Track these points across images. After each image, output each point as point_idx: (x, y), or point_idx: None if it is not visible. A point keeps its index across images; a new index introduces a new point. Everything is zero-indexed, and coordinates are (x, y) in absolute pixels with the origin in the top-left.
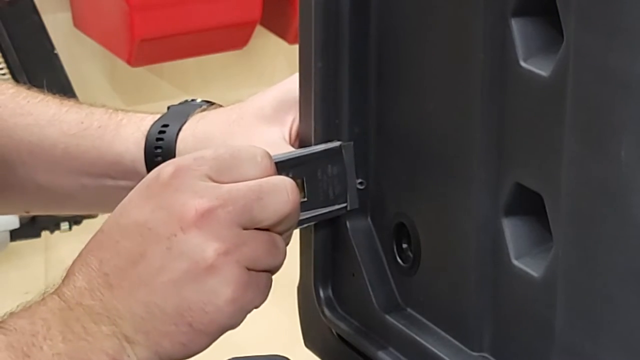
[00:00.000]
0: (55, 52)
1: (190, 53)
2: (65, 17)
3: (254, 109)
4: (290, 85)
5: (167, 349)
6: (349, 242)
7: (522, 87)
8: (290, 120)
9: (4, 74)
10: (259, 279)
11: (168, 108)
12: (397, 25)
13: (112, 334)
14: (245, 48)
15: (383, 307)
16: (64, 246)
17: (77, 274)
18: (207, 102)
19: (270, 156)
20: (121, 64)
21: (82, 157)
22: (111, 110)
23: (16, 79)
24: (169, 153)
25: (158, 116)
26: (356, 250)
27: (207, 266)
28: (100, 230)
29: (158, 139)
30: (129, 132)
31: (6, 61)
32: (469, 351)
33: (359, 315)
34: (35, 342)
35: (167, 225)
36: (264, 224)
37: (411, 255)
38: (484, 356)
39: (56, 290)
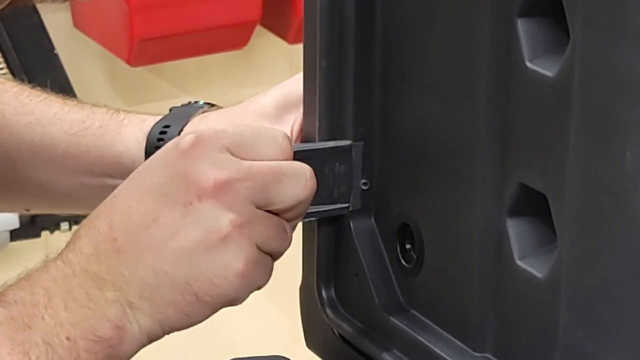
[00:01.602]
0: (55, 52)
1: (190, 53)
2: (65, 17)
3: (256, 108)
4: (291, 85)
5: (170, 318)
6: (352, 243)
7: (527, 87)
8: (292, 120)
9: (4, 74)
10: (266, 260)
11: (170, 110)
12: (402, 25)
13: (116, 300)
14: (245, 48)
15: (386, 307)
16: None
17: (83, 237)
18: (209, 104)
19: (290, 139)
20: (121, 64)
21: (83, 157)
22: (113, 111)
23: (16, 79)
24: None
25: (160, 117)
26: (359, 250)
27: (221, 237)
28: (113, 195)
29: (159, 139)
30: (130, 132)
31: (6, 61)
32: (471, 352)
33: (361, 315)
34: (37, 312)
35: (183, 192)
36: (278, 207)
37: (414, 255)
38: (486, 357)
39: (60, 255)
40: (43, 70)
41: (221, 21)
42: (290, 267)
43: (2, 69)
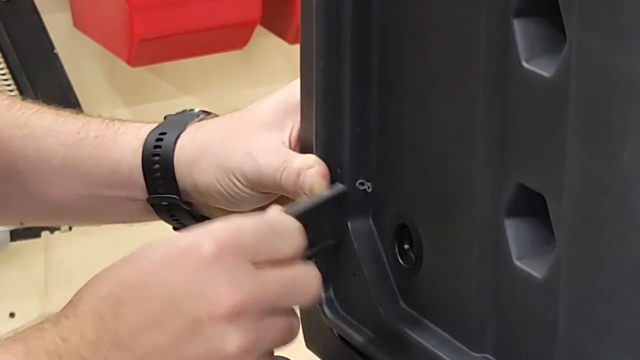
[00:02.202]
0: (55, 52)
1: (190, 53)
2: (65, 17)
3: (253, 115)
4: (289, 91)
5: None
6: (350, 243)
7: (524, 87)
8: (290, 126)
9: (3, 74)
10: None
11: (165, 117)
12: (399, 25)
13: None
14: (245, 48)
15: (384, 308)
16: (64, 246)
17: (86, 318)
18: (205, 112)
19: (302, 231)
20: (121, 64)
21: (80, 168)
22: (108, 120)
23: (16, 79)
24: (167, 160)
25: (155, 125)
26: (357, 251)
27: (226, 356)
28: (120, 279)
29: (156, 147)
30: (127, 140)
31: (6, 61)
32: (470, 352)
33: (360, 316)
34: None
35: (195, 306)
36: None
37: (413, 256)
38: (485, 357)
39: (58, 324)
40: (43, 70)
41: (221, 21)
42: None
43: (2, 69)
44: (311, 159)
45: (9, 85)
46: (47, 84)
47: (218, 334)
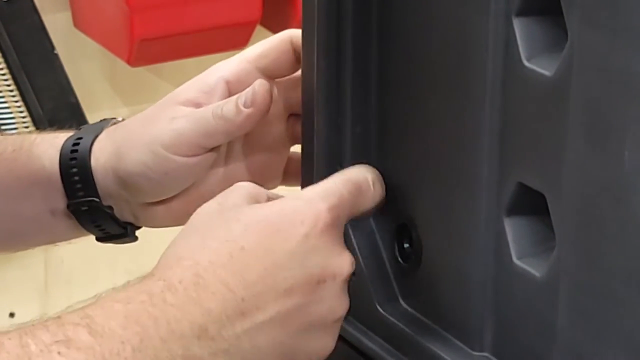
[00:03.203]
0: (55, 52)
1: (190, 53)
2: (65, 17)
3: (168, 98)
4: (203, 74)
5: None
6: (350, 242)
7: (525, 86)
8: (207, 104)
9: (3, 74)
10: None
11: (79, 128)
12: (400, 25)
13: None
14: (245, 48)
15: (384, 306)
16: (64, 246)
17: (208, 287)
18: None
19: (380, 179)
20: (121, 64)
21: (1, 184)
22: (25, 134)
23: (16, 79)
24: (84, 163)
25: (72, 133)
26: (357, 249)
27: (335, 319)
28: (239, 246)
29: (72, 151)
30: (42, 149)
31: (6, 61)
32: (470, 351)
33: (360, 314)
34: (121, 351)
35: (323, 269)
36: None
37: (413, 255)
38: (485, 356)
39: (170, 287)
40: (43, 70)
41: (221, 21)
42: None
43: (2, 69)
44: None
45: (9, 85)
46: (47, 84)
47: (337, 295)
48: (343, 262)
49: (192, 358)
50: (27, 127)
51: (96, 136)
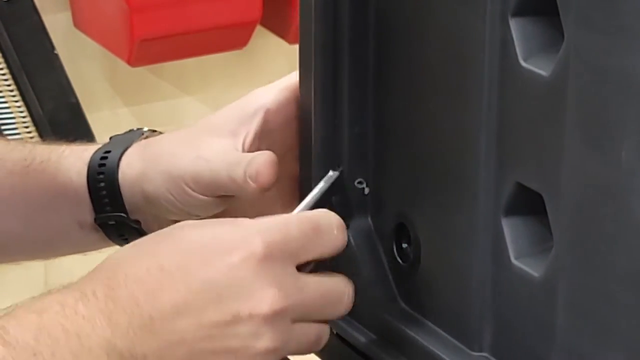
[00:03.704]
0: (55, 52)
1: (190, 53)
2: (65, 17)
3: (204, 124)
4: (245, 100)
5: None
6: (348, 242)
7: (522, 87)
8: (244, 133)
9: (3, 74)
10: None
11: (110, 138)
12: (397, 25)
13: None
14: (245, 48)
15: (383, 307)
16: None
17: (118, 301)
18: (152, 130)
19: (344, 227)
20: (121, 64)
21: (27, 194)
22: (54, 145)
23: (16, 79)
24: (112, 177)
25: (100, 145)
26: (356, 250)
27: (254, 355)
28: (159, 267)
29: (100, 165)
30: (71, 162)
31: (6, 61)
32: (469, 351)
33: (359, 315)
34: None
35: (238, 302)
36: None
37: (411, 255)
38: (484, 356)
39: (83, 298)
40: (43, 70)
41: (221, 21)
42: None
43: (2, 69)
44: (263, 152)
45: (9, 85)
46: (47, 84)
47: (253, 333)
48: (263, 299)
49: None
50: (27, 127)
51: (124, 149)
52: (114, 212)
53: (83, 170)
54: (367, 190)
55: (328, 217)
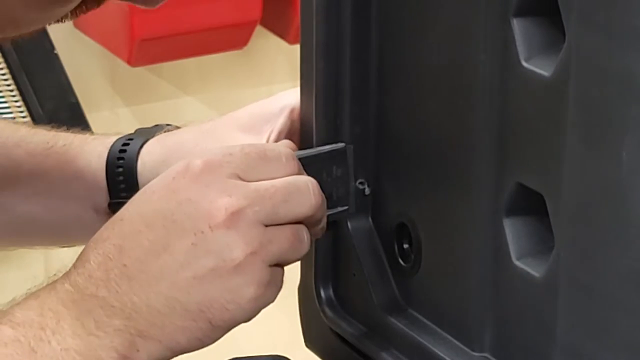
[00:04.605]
0: (55, 52)
1: (190, 53)
2: None
3: (229, 119)
4: (272, 99)
5: (181, 343)
6: (350, 242)
7: (523, 87)
8: (268, 131)
9: (3, 74)
10: (277, 275)
11: (136, 130)
12: (398, 25)
13: (124, 328)
14: (245, 48)
15: (384, 307)
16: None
17: (92, 261)
18: (177, 127)
19: (295, 157)
20: (121, 64)
21: (46, 176)
22: (79, 132)
23: (16, 79)
24: (131, 164)
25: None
26: (357, 250)
27: (234, 266)
28: (120, 218)
29: (121, 151)
30: (94, 146)
31: (6, 61)
32: (470, 351)
33: (359, 315)
34: (44, 336)
35: (194, 220)
36: (289, 222)
37: (412, 255)
38: (485, 356)
39: (68, 277)
40: (43, 70)
41: (221, 21)
42: (290, 267)
43: (2, 69)
44: (284, 141)
45: (9, 85)
46: (47, 84)
47: (222, 243)
48: (216, 208)
49: (104, 327)
50: None
51: (147, 140)
52: (128, 198)
53: (104, 154)
54: (368, 191)
55: (275, 146)
